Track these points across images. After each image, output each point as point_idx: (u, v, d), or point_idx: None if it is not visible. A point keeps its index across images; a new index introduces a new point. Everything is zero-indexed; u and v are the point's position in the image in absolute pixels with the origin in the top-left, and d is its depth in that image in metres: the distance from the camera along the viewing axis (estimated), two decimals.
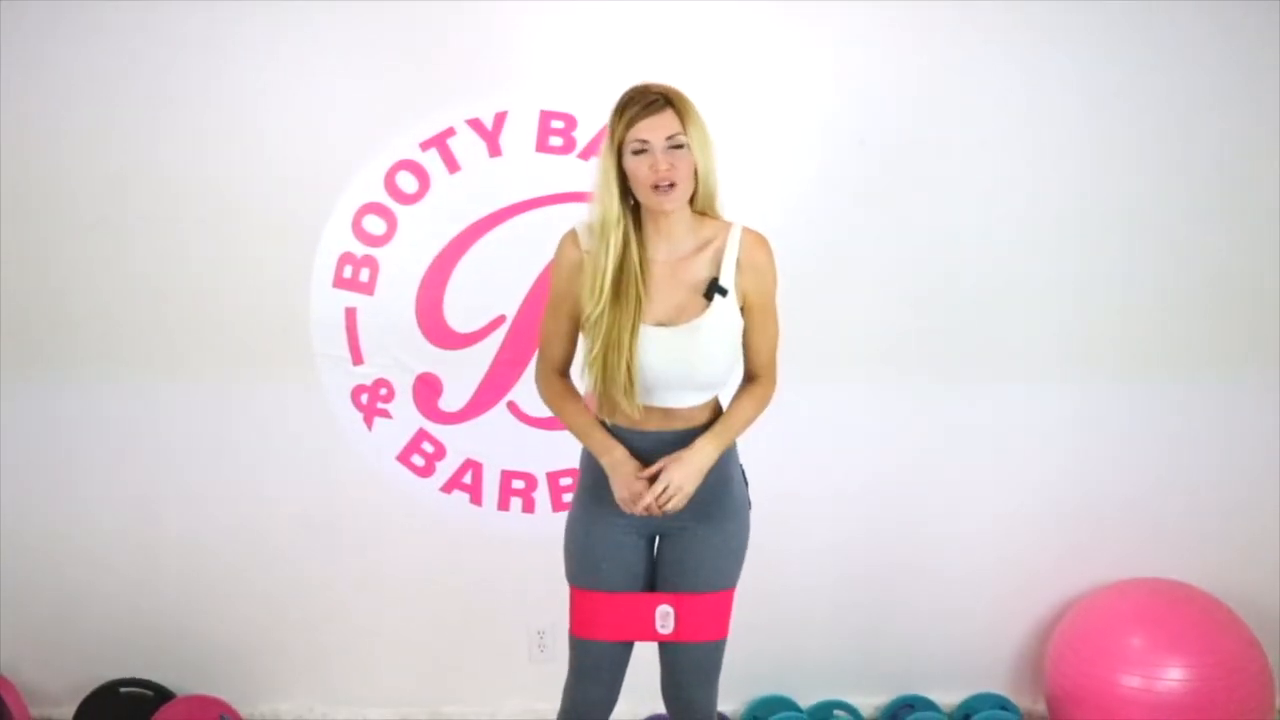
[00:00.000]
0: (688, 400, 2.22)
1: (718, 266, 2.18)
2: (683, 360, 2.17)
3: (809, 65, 3.10)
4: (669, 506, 2.19)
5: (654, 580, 2.32)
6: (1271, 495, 3.30)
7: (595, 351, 2.15)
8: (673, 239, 2.19)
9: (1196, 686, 2.89)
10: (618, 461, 2.23)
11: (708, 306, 2.17)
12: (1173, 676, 2.90)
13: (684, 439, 2.23)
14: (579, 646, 2.33)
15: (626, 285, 2.14)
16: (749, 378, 2.31)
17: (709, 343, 2.17)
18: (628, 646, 2.34)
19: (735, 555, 2.32)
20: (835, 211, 3.13)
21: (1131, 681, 2.93)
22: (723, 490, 2.28)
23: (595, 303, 2.15)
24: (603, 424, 2.28)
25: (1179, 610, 3.06)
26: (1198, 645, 2.94)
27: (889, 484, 3.27)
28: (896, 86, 3.09)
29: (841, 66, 3.08)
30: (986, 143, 3.08)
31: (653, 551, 2.33)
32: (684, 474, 2.19)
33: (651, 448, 2.24)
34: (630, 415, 2.19)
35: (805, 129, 3.11)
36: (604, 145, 2.15)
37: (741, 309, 2.22)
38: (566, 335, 2.27)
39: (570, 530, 2.34)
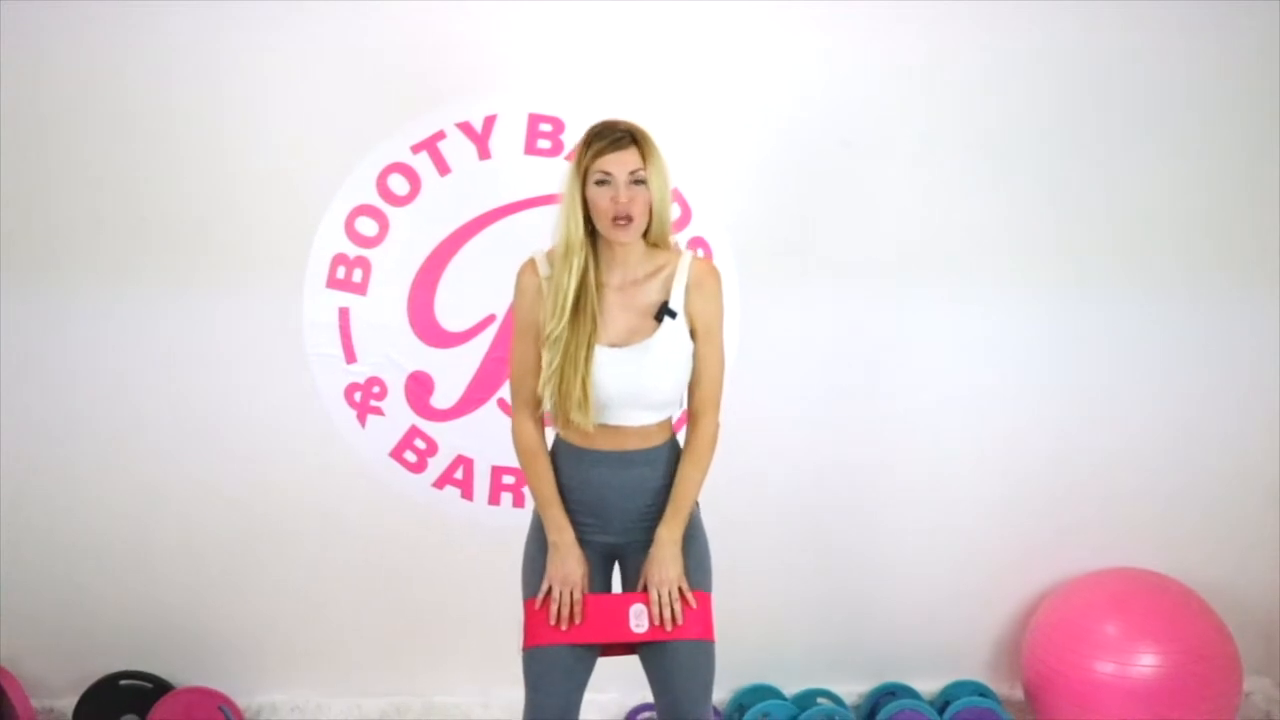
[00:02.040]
0: (640, 419, 2.26)
1: (668, 291, 2.24)
2: (634, 379, 2.22)
3: (792, 67, 3.14)
4: (674, 607, 2.22)
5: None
6: (1238, 490, 3.35)
7: (554, 367, 2.20)
8: (627, 266, 2.24)
9: (1168, 672, 2.93)
10: (566, 545, 2.27)
11: (657, 328, 2.23)
12: (1145, 663, 2.94)
13: (637, 460, 2.27)
14: (532, 661, 2.28)
15: (583, 306, 2.19)
16: (691, 420, 2.31)
17: (658, 363, 2.22)
18: (584, 658, 2.28)
19: (700, 561, 2.31)
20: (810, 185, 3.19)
21: (1105, 668, 2.96)
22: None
23: (557, 322, 2.19)
24: (559, 446, 2.33)
25: (1151, 599, 3.09)
26: (1169, 633, 2.98)
27: (871, 479, 3.30)
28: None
29: (826, 67, 3.14)
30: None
31: (608, 572, 2.36)
32: (663, 569, 2.23)
33: (607, 468, 2.27)
34: (584, 429, 2.22)
35: (788, 128, 3.15)
36: (569, 173, 2.21)
37: (691, 333, 2.27)
38: (535, 366, 2.27)
39: (529, 547, 2.36)
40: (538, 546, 2.34)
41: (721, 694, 3.26)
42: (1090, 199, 3.22)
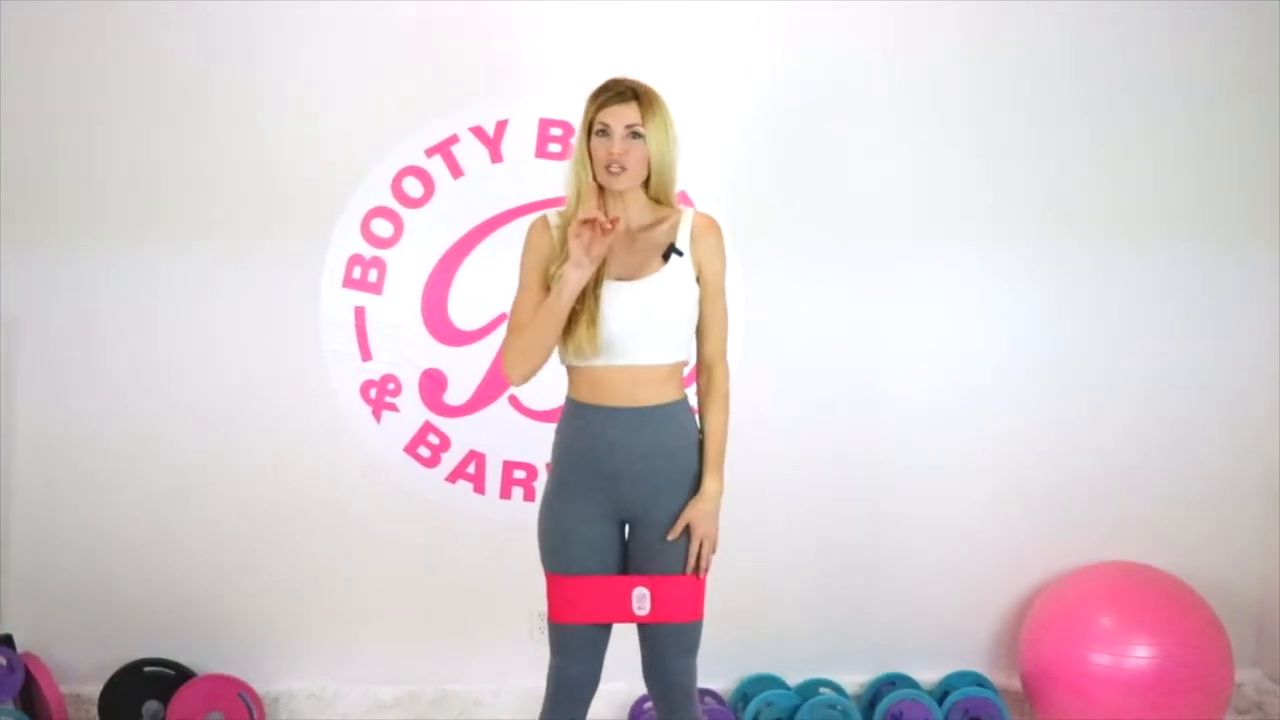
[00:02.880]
0: (649, 357, 2.27)
1: (674, 236, 2.31)
2: (642, 311, 2.25)
3: (805, 70, 3.20)
4: (709, 559, 2.30)
5: (626, 565, 2.35)
6: (1232, 487, 3.38)
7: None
8: (629, 213, 2.29)
9: (1161, 663, 2.94)
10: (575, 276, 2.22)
11: (664, 265, 2.27)
12: (1139, 654, 2.95)
13: (651, 417, 2.28)
14: (558, 630, 2.35)
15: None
16: (705, 370, 2.37)
17: (665, 296, 2.27)
18: (606, 627, 2.36)
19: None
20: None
21: (1101, 659, 2.98)
22: (688, 479, 2.33)
23: (561, 258, 2.25)
24: (574, 405, 2.33)
25: (1146, 592, 3.11)
26: (1163, 625, 3.00)
27: (873, 477, 3.33)
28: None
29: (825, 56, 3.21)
30: None
31: (624, 537, 2.36)
32: (707, 524, 2.30)
33: (620, 428, 2.27)
34: (592, 359, 2.24)
35: (800, 127, 3.21)
36: (579, 128, 2.28)
37: (697, 281, 2.31)
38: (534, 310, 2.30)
39: (543, 518, 2.36)
40: (555, 515, 2.33)
41: (727, 683, 3.31)
42: (1081, 166, 3.27)
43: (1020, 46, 3.23)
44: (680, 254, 2.28)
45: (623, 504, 2.31)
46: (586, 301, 2.23)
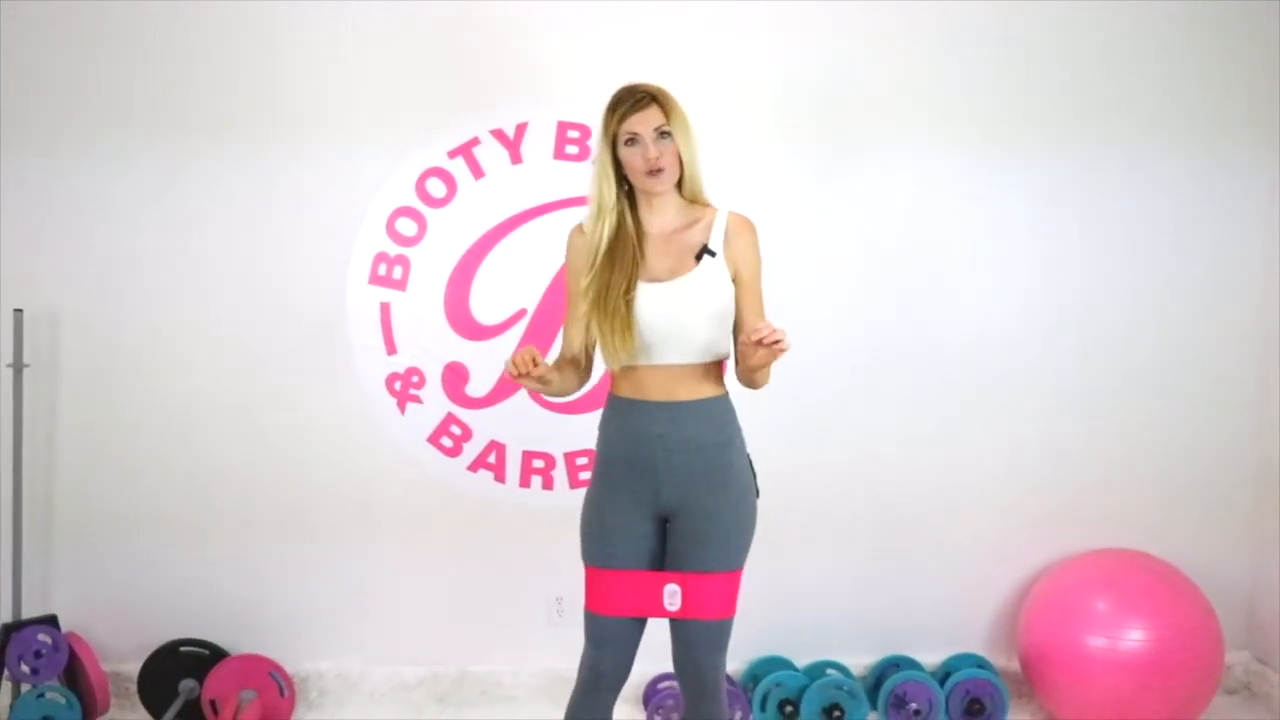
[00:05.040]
0: (683, 358, 2.27)
1: (708, 237, 2.31)
2: (675, 312, 2.25)
3: (818, 74, 3.25)
4: (783, 340, 2.11)
5: (664, 560, 2.33)
6: (1223, 479, 3.44)
7: (591, 302, 2.25)
8: (664, 216, 2.31)
9: (1155, 646, 2.97)
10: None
11: (697, 266, 2.27)
12: (1134, 637, 2.98)
13: (689, 413, 2.27)
14: (593, 621, 2.33)
15: (623, 251, 2.26)
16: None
17: (698, 298, 2.26)
18: (640, 621, 2.34)
19: (742, 538, 2.32)
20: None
21: (1096, 642, 3.01)
22: (729, 475, 2.30)
23: (590, 269, 2.27)
24: (615, 401, 2.33)
25: (1140, 577, 3.14)
26: (1156, 609, 3.02)
27: (880, 471, 3.38)
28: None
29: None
30: None
31: (663, 532, 2.33)
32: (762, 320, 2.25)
33: (660, 423, 2.27)
34: (628, 356, 2.24)
35: (816, 130, 3.27)
36: (598, 140, 2.29)
37: (733, 280, 2.30)
38: (581, 318, 2.31)
39: (586, 512, 2.35)
40: (598, 510, 2.33)
41: (736, 665, 3.35)
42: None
43: None
44: (713, 254, 2.28)
45: (661, 498, 2.30)
46: (616, 309, 2.23)
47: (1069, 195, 3.35)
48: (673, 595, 2.29)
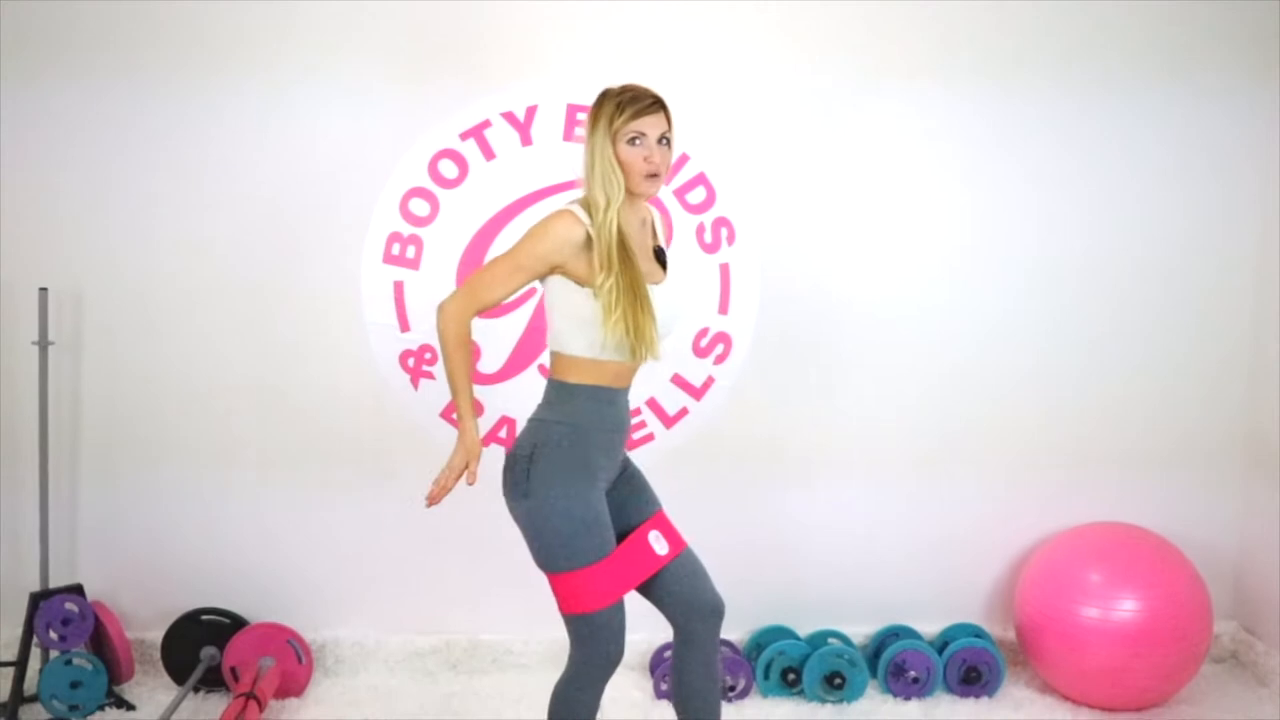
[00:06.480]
0: (665, 350, 2.34)
1: (656, 236, 2.41)
2: (678, 312, 2.36)
3: (828, 65, 3.29)
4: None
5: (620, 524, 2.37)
6: (1214, 454, 3.49)
7: (619, 310, 2.19)
8: (636, 216, 2.34)
9: (1146, 616, 3.03)
10: (475, 433, 2.37)
11: (667, 269, 2.36)
12: (1126, 608, 3.04)
13: (627, 394, 2.38)
14: (609, 614, 2.27)
15: (629, 253, 2.25)
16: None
17: (688, 296, 2.35)
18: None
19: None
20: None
21: (1090, 612, 3.07)
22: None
23: (609, 271, 2.20)
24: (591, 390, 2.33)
25: (1132, 551, 3.19)
26: (1148, 581, 3.08)
27: (879, 445, 3.43)
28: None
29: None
30: None
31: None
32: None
33: (624, 407, 2.37)
34: (653, 355, 2.26)
35: (822, 121, 3.31)
36: (598, 133, 2.24)
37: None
38: (513, 290, 2.27)
39: (569, 516, 2.25)
40: (586, 507, 2.28)
41: (741, 634, 3.42)
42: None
43: None
44: (664, 254, 2.40)
45: (611, 474, 2.38)
46: (648, 304, 2.23)
47: (1066, 153, 3.39)
48: (658, 540, 2.37)
